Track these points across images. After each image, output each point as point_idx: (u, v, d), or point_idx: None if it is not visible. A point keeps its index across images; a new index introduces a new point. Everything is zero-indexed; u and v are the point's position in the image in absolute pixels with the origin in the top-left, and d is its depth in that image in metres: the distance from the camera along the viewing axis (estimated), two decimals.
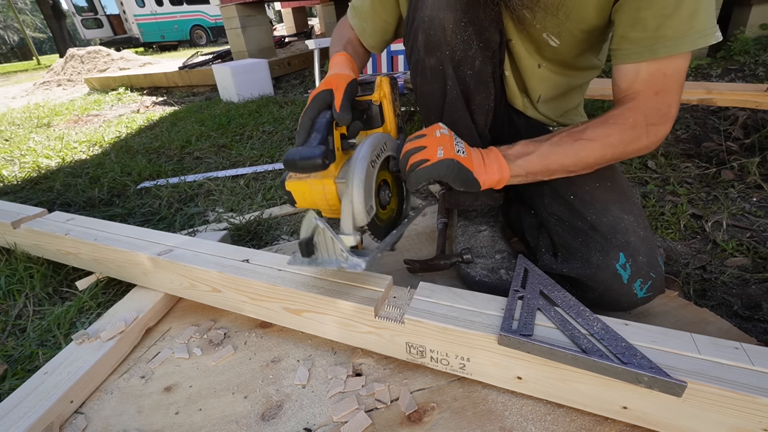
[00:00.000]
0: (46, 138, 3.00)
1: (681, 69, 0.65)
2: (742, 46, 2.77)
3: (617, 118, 0.67)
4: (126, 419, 0.72)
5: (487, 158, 0.71)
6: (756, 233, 1.17)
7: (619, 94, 0.70)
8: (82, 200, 1.76)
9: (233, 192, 1.71)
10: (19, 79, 9.56)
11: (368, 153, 0.68)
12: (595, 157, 0.69)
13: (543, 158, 0.70)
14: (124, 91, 4.84)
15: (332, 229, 0.67)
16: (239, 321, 0.93)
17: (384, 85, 0.79)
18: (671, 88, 0.66)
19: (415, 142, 0.71)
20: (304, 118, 0.69)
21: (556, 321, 0.65)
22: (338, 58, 0.86)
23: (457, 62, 0.79)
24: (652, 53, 0.64)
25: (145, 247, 0.96)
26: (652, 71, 0.65)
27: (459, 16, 0.75)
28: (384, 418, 0.67)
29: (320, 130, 0.67)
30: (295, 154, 0.63)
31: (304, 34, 6.77)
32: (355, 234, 0.68)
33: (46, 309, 1.06)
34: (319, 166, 0.62)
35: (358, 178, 0.66)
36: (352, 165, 0.67)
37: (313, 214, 0.67)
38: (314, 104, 0.70)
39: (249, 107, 3.16)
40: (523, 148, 0.72)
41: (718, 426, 0.54)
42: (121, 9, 14.67)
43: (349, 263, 0.66)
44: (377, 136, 0.73)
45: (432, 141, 0.70)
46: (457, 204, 0.99)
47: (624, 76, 0.69)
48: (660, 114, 0.66)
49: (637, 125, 0.66)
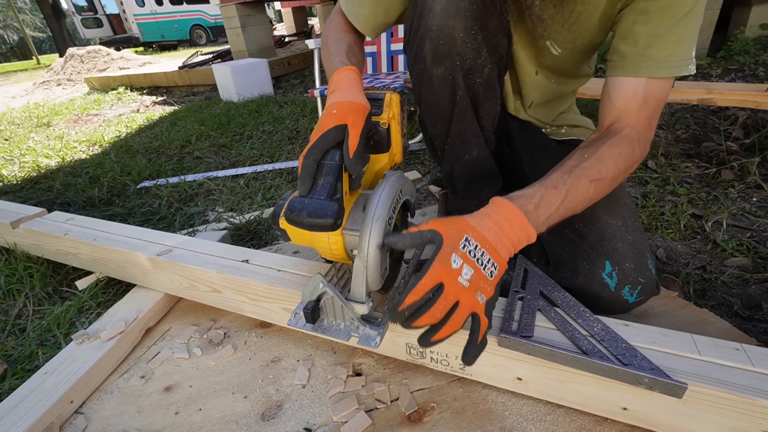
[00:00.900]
0: (46, 137, 3.00)
1: (667, 94, 0.68)
2: (742, 46, 2.77)
3: (622, 151, 0.65)
4: (126, 419, 0.72)
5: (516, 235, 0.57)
6: (756, 233, 1.17)
7: (613, 113, 0.70)
8: (82, 200, 1.76)
9: (233, 192, 1.71)
10: (18, 78, 9.56)
11: (386, 210, 0.59)
12: (606, 191, 0.67)
13: (564, 209, 0.62)
14: (124, 91, 4.83)
15: (341, 295, 0.60)
16: (239, 321, 0.93)
17: (394, 105, 0.70)
18: (658, 112, 0.68)
19: (439, 308, 0.50)
20: (308, 160, 0.57)
21: (556, 322, 0.65)
22: (346, 76, 0.68)
23: (466, 71, 0.76)
24: (635, 71, 0.66)
25: (145, 248, 0.95)
26: (648, 95, 0.66)
27: (470, 23, 0.71)
28: (384, 418, 0.67)
29: (329, 176, 0.57)
30: (301, 210, 0.54)
31: (304, 33, 6.76)
32: (368, 301, 0.61)
33: (46, 309, 1.06)
34: (330, 227, 0.53)
35: (375, 243, 0.57)
36: (366, 223, 0.58)
37: (320, 279, 0.60)
38: (321, 143, 0.58)
39: (249, 107, 3.16)
40: (545, 204, 0.60)
41: (717, 427, 0.54)
42: (120, 8, 14.65)
43: (362, 336, 0.60)
44: (393, 183, 0.63)
45: (458, 291, 0.50)
46: (462, 209, 0.99)
47: (621, 91, 0.68)
48: (647, 138, 0.69)
49: (635, 153, 0.67)
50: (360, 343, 0.60)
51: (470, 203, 0.97)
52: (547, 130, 0.97)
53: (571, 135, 0.97)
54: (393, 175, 0.66)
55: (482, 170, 0.91)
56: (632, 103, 0.68)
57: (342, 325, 0.63)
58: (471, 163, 0.89)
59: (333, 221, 0.53)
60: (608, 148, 0.65)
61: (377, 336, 0.60)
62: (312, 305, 0.60)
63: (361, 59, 0.83)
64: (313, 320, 0.61)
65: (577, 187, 0.62)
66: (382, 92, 0.71)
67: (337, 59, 0.74)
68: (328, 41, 0.80)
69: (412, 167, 1.82)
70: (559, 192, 0.61)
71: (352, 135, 0.58)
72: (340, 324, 0.63)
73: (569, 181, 0.62)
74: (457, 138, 0.85)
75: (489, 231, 0.55)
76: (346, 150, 0.58)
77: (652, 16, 0.63)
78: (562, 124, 0.97)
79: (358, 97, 0.63)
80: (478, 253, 0.53)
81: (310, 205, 0.54)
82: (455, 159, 0.89)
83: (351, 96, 0.63)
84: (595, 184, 0.63)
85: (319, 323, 0.64)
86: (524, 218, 0.57)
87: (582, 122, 1.00)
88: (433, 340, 0.51)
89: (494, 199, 0.60)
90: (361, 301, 0.61)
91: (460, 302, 0.51)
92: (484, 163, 0.89)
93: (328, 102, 0.63)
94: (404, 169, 1.79)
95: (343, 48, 0.77)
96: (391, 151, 0.72)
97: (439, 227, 0.53)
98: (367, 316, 0.63)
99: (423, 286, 0.49)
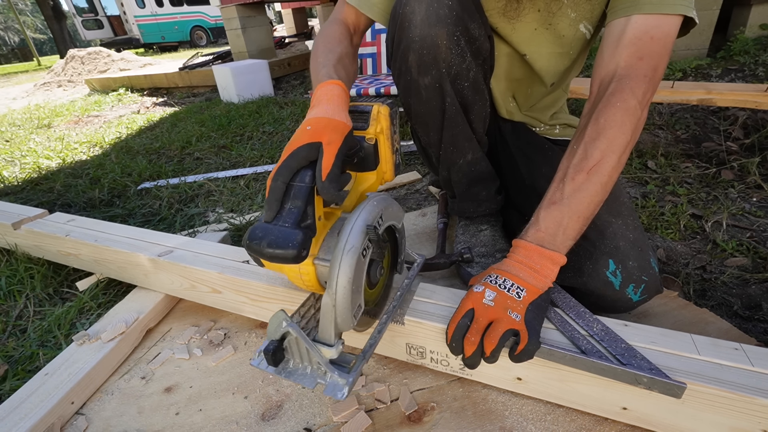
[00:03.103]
0: (47, 139, 3.01)
1: (668, 34, 0.61)
2: (742, 46, 2.77)
3: (611, 119, 0.60)
4: (126, 420, 0.72)
5: (535, 263, 0.61)
6: (756, 233, 1.17)
7: (602, 67, 0.65)
8: (83, 201, 1.76)
9: (233, 193, 1.71)
10: (19, 80, 9.57)
11: (359, 240, 0.52)
12: (612, 167, 0.61)
13: (575, 216, 0.61)
14: (125, 92, 4.84)
15: (306, 336, 0.52)
16: (239, 321, 0.93)
17: (382, 118, 0.64)
18: (657, 53, 0.61)
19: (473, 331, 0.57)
20: (275, 183, 0.52)
21: (556, 322, 0.65)
22: (329, 91, 0.62)
23: (453, 77, 0.76)
24: (637, 8, 0.62)
25: (146, 248, 0.96)
26: (639, 32, 0.62)
27: (452, 30, 0.71)
28: (384, 418, 0.67)
29: (297, 199, 0.51)
30: (262, 239, 0.48)
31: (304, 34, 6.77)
32: (337, 344, 0.54)
33: (47, 310, 1.06)
34: (291, 259, 0.47)
35: (345, 278, 0.50)
36: (336, 255, 0.51)
37: (283, 316, 0.52)
38: (290, 163, 0.53)
39: (249, 108, 3.16)
40: (553, 224, 0.61)
41: (717, 427, 0.54)
42: (121, 10, 14.67)
43: (328, 383, 0.53)
44: (370, 208, 0.56)
45: (487, 311, 0.57)
46: (462, 211, 0.99)
47: (610, 35, 0.65)
48: (647, 80, 0.61)
49: (631, 108, 0.60)
50: (326, 393, 0.52)
51: (469, 206, 0.97)
52: (540, 130, 0.97)
53: (565, 135, 0.98)
54: (373, 198, 0.58)
55: (478, 172, 0.91)
56: (618, 47, 0.62)
57: (309, 369, 0.55)
58: (466, 167, 0.89)
59: (296, 253, 0.47)
60: (594, 125, 0.61)
61: (345, 386, 0.52)
62: (274, 345, 0.52)
63: (352, 72, 0.78)
64: (275, 363, 0.53)
65: (575, 189, 0.60)
66: (369, 104, 0.65)
67: (323, 71, 0.69)
68: (318, 51, 0.76)
69: (412, 167, 1.82)
70: (560, 205, 0.61)
71: (326, 154, 0.53)
72: (306, 367, 0.55)
73: (565, 188, 0.61)
74: (450, 144, 0.85)
75: (509, 266, 0.62)
76: (319, 171, 0.52)
77: None
78: (555, 124, 0.98)
79: (338, 113, 0.58)
80: (500, 280, 0.60)
81: (272, 233, 0.48)
82: (451, 164, 0.90)
83: (330, 112, 0.58)
84: (596, 168, 0.59)
85: (284, 365, 0.55)
86: (537, 247, 0.61)
87: (573, 121, 1.00)
88: (487, 356, 0.56)
89: (513, 242, 0.66)
90: (329, 344, 0.53)
91: (493, 321, 0.57)
92: (479, 165, 0.90)
93: (306, 118, 0.59)
94: (404, 170, 1.79)
95: (331, 60, 0.72)
96: (379, 168, 0.66)
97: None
98: (337, 359, 0.55)
99: (457, 315, 0.60)
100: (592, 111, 0.63)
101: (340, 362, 0.56)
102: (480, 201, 0.95)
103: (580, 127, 0.65)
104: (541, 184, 0.85)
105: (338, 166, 0.53)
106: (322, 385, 0.53)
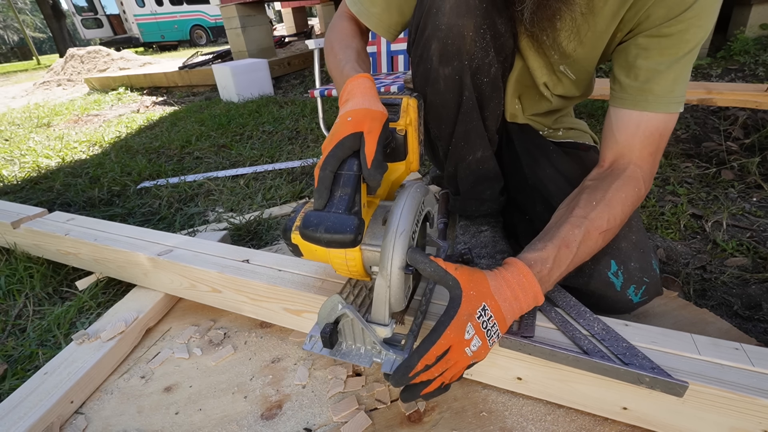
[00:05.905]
0: (46, 138, 3.00)
1: (671, 129, 0.68)
2: (742, 46, 2.77)
3: (627, 199, 0.66)
4: (126, 419, 0.72)
5: (525, 299, 0.58)
6: (756, 233, 1.17)
7: (615, 148, 0.70)
8: (82, 200, 1.76)
9: (233, 192, 1.71)
10: (19, 78, 9.56)
11: (409, 224, 0.55)
12: (613, 234, 0.68)
13: (572, 265, 0.63)
14: (124, 91, 4.84)
15: (361, 317, 0.56)
16: (239, 321, 0.93)
17: (411, 110, 0.66)
18: (662, 147, 0.69)
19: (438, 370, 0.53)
20: (324, 172, 0.54)
21: (557, 322, 0.65)
22: (361, 83, 0.63)
23: (474, 71, 0.75)
24: (633, 104, 0.67)
25: (145, 248, 0.96)
26: (652, 129, 0.67)
27: (479, 22, 0.69)
28: (384, 418, 0.67)
29: (346, 187, 0.53)
30: (318, 225, 0.50)
31: (304, 34, 6.77)
32: (391, 323, 0.57)
33: (46, 309, 1.06)
34: (350, 243, 0.49)
35: (398, 260, 0.53)
36: (389, 238, 0.54)
37: (339, 299, 0.55)
38: (337, 152, 0.54)
39: (249, 107, 3.16)
40: (557, 267, 0.61)
41: (717, 427, 0.54)
42: (121, 9, 14.67)
43: (385, 361, 0.56)
44: (415, 194, 0.59)
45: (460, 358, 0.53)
46: (463, 209, 0.99)
47: (624, 125, 0.69)
48: (652, 174, 0.70)
49: (640, 192, 0.68)
50: (384, 370, 0.55)
51: (472, 204, 0.97)
52: (545, 133, 0.97)
53: (568, 137, 0.98)
54: (414, 185, 0.61)
55: (485, 171, 0.90)
56: (635, 138, 0.68)
57: (362, 349, 0.58)
58: (475, 164, 0.89)
59: (353, 237, 0.48)
60: (615, 193, 0.66)
61: (401, 360, 0.55)
62: (330, 328, 0.55)
63: (368, 67, 0.79)
64: (331, 345, 0.56)
65: (586, 241, 0.63)
66: (399, 97, 0.67)
67: (348, 66, 0.71)
68: (335, 48, 0.77)
69: None
70: (571, 251, 0.62)
71: (369, 142, 0.54)
72: (360, 348, 0.58)
73: (579, 237, 0.63)
74: (462, 139, 0.84)
75: (505, 301, 0.56)
76: (364, 159, 0.54)
77: (653, 53, 0.65)
78: (559, 127, 0.98)
79: (374, 104, 0.60)
80: (489, 325, 0.54)
81: (328, 219, 0.50)
82: (459, 160, 0.89)
83: (367, 103, 0.59)
84: (603, 235, 0.64)
85: (338, 347, 0.59)
86: (538, 287, 0.58)
87: (577, 125, 1.00)
88: (422, 394, 0.54)
89: (513, 261, 0.60)
90: (383, 324, 0.57)
91: (455, 364, 0.53)
92: (487, 163, 0.89)
93: (343, 110, 0.60)
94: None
95: (352, 55, 0.74)
96: (408, 158, 0.67)
97: (463, 283, 0.54)
98: (389, 339, 0.59)
99: (434, 352, 0.52)
100: (606, 178, 0.69)
101: (391, 342, 0.59)
102: (483, 200, 0.95)
103: (596, 184, 0.69)
104: (543, 185, 0.85)
105: (380, 152, 0.55)
106: (378, 363, 0.57)
